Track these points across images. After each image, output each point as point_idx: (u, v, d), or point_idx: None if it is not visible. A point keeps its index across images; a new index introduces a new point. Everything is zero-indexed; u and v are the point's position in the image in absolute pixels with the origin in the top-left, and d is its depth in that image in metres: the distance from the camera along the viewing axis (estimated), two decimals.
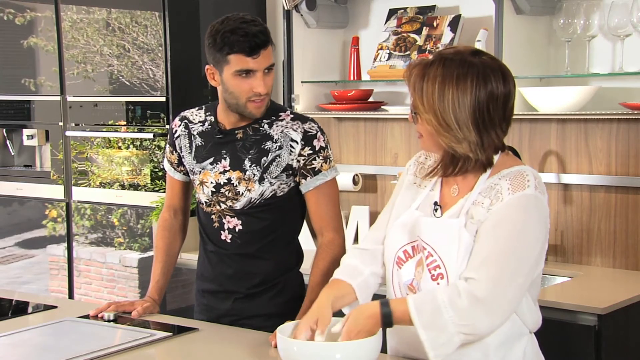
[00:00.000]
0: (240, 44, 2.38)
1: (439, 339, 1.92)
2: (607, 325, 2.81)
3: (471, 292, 1.92)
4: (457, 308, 1.91)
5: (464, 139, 1.98)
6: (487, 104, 1.97)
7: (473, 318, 1.91)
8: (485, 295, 1.91)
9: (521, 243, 1.96)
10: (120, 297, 4.17)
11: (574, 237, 3.48)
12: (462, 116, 1.96)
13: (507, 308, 1.95)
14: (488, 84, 1.97)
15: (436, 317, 1.92)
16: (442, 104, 1.97)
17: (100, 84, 4.18)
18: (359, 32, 4.02)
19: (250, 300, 2.57)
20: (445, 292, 1.94)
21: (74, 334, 2.38)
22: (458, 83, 1.96)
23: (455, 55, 2.00)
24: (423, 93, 1.99)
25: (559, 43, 3.43)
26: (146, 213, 4.04)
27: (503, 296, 1.93)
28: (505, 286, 1.93)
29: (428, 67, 2.00)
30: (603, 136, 3.39)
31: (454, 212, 2.05)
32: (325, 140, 2.52)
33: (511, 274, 1.94)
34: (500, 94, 1.99)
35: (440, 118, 1.97)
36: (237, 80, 2.43)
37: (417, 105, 2.02)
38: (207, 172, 2.55)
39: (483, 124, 1.98)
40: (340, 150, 4.12)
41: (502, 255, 1.94)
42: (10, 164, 4.79)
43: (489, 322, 1.93)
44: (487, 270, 1.93)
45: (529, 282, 2.00)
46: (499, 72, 2.00)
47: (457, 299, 1.92)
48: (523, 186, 1.98)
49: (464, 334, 1.92)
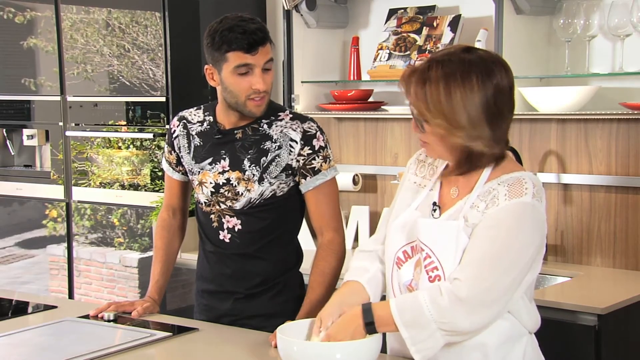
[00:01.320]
0: (239, 41, 2.38)
1: (419, 335, 1.93)
2: (607, 325, 2.81)
3: (453, 291, 1.92)
4: (438, 306, 1.92)
5: (477, 137, 1.97)
6: (495, 98, 1.96)
7: (453, 316, 1.92)
8: (466, 295, 1.91)
9: (510, 247, 1.95)
10: (120, 297, 4.17)
11: (574, 237, 3.48)
12: (473, 113, 1.95)
13: (490, 309, 1.95)
14: (493, 77, 1.96)
15: (417, 315, 1.93)
16: (450, 104, 1.94)
17: (100, 84, 4.18)
18: (359, 32, 4.02)
19: (250, 300, 2.57)
20: (426, 292, 1.95)
21: (74, 334, 2.38)
22: (464, 81, 1.95)
23: (451, 56, 1.99)
24: (428, 98, 1.96)
25: (559, 43, 3.43)
26: (146, 213, 4.04)
27: (485, 297, 1.93)
28: (487, 287, 1.93)
29: (426, 72, 1.97)
30: (603, 136, 3.39)
31: (452, 214, 2.05)
32: (324, 139, 2.52)
33: (496, 276, 1.93)
34: (505, 86, 1.99)
35: (452, 119, 1.95)
36: (235, 78, 2.42)
37: (424, 112, 1.98)
38: (206, 172, 2.55)
39: (494, 117, 1.97)
40: (340, 150, 4.12)
41: (488, 258, 1.94)
42: (10, 164, 4.79)
43: (469, 321, 1.93)
44: (471, 271, 1.94)
45: (518, 286, 1.98)
46: (500, 64, 2.00)
47: (438, 297, 1.93)
48: (520, 193, 1.97)
49: (444, 330, 1.93)
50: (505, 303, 1.98)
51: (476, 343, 2.01)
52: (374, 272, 2.19)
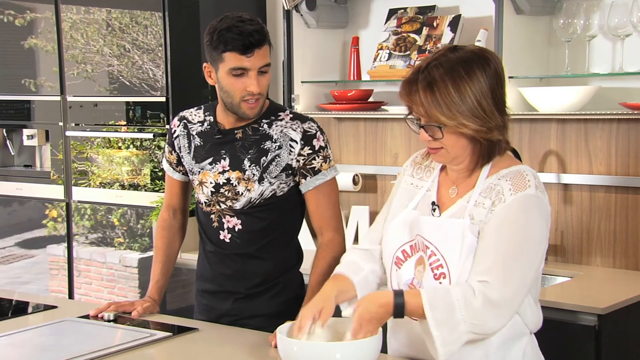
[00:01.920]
0: (235, 41, 2.38)
1: (450, 335, 1.92)
2: (607, 325, 2.81)
3: (485, 294, 1.92)
4: (471, 307, 1.92)
5: (494, 126, 1.99)
6: (497, 85, 2.00)
7: (485, 319, 1.92)
8: (498, 298, 1.92)
9: (527, 244, 1.97)
10: (120, 297, 4.17)
11: (574, 237, 3.47)
12: (485, 104, 1.97)
13: (515, 309, 1.98)
14: (491, 65, 2.00)
15: (449, 315, 1.92)
16: (464, 101, 1.95)
17: (100, 84, 4.18)
18: (359, 32, 4.02)
19: (250, 300, 2.57)
20: (460, 291, 1.94)
21: (74, 334, 2.38)
22: (469, 75, 1.96)
23: (444, 57, 2.00)
24: (440, 101, 1.96)
25: (559, 43, 3.43)
26: (146, 213, 4.04)
27: (514, 298, 1.96)
28: (516, 289, 1.95)
29: (429, 75, 1.97)
30: (603, 136, 3.39)
31: (453, 213, 2.06)
32: (324, 139, 2.52)
33: (520, 276, 1.96)
34: (501, 73, 2.03)
35: (469, 116, 1.96)
36: (231, 79, 2.42)
37: (439, 118, 1.97)
38: (206, 172, 2.55)
39: (500, 104, 2.01)
40: (340, 150, 4.12)
41: (510, 258, 1.95)
42: (10, 164, 4.79)
43: (498, 323, 1.95)
44: (498, 274, 1.94)
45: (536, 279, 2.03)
46: (489, 53, 2.04)
47: (471, 298, 1.93)
48: (524, 186, 1.98)
49: (473, 332, 1.93)
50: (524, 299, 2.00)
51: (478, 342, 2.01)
52: (366, 273, 2.18)
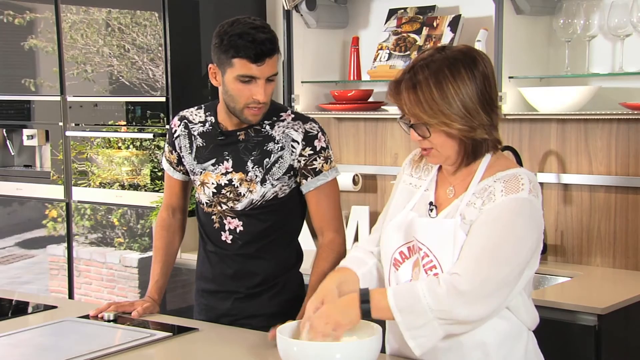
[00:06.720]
0: (247, 49, 2.37)
1: (414, 322, 1.93)
2: (607, 325, 2.81)
3: (451, 283, 1.93)
4: (435, 294, 1.93)
5: (478, 125, 1.99)
6: (484, 85, 2.00)
7: (450, 304, 1.92)
8: (464, 288, 1.92)
9: (506, 240, 1.96)
10: (120, 297, 4.17)
11: (574, 237, 3.48)
12: (469, 104, 1.98)
13: (488, 301, 1.95)
14: (478, 66, 2.01)
15: (414, 303, 1.94)
16: (446, 100, 1.96)
17: (100, 84, 4.18)
18: (359, 32, 4.02)
19: (250, 300, 2.57)
20: (424, 283, 1.96)
21: (74, 334, 2.38)
22: (453, 75, 1.98)
23: (431, 57, 2.01)
24: (422, 100, 1.98)
25: (559, 43, 3.43)
26: (146, 213, 4.04)
27: (482, 289, 1.94)
28: (485, 279, 1.93)
29: (414, 76, 1.99)
30: (603, 136, 3.39)
31: (449, 213, 2.06)
32: (326, 140, 2.52)
33: (493, 268, 1.94)
34: (489, 73, 2.03)
35: (451, 114, 1.97)
36: (238, 85, 2.42)
37: (421, 116, 1.99)
38: (208, 173, 2.55)
39: (487, 104, 2.01)
40: (340, 150, 4.12)
41: (486, 251, 1.95)
42: (10, 164, 4.79)
43: (467, 311, 1.94)
44: (468, 265, 1.95)
45: (516, 282, 1.99)
46: (478, 53, 2.05)
47: (435, 286, 1.94)
48: (517, 189, 1.98)
49: (442, 319, 1.93)
50: (504, 297, 1.98)
51: (476, 342, 2.02)
52: (370, 267, 2.21)
